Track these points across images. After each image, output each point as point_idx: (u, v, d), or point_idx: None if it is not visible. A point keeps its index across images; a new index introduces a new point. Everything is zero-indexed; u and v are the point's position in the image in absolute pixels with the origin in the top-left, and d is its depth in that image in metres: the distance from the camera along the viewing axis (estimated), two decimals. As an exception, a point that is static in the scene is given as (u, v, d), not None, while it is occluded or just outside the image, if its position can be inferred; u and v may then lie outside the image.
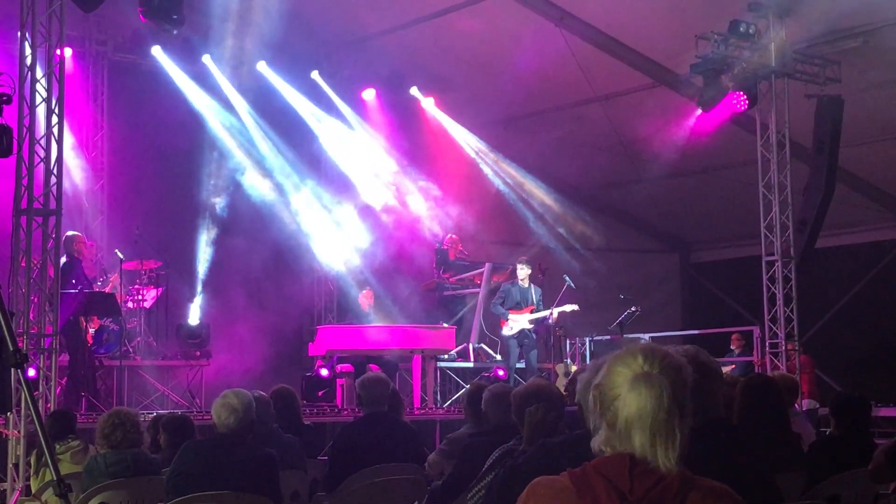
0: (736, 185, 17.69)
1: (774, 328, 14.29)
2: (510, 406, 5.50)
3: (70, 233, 13.09)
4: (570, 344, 17.56)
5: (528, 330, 15.13)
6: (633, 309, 15.83)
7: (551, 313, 15.18)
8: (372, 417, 7.35)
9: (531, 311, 15.12)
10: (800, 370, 14.26)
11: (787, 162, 14.47)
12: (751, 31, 13.90)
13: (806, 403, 14.76)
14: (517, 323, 15.15)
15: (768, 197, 14.50)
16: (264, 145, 17.35)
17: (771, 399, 5.91)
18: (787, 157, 14.47)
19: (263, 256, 16.38)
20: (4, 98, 9.22)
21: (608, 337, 16.62)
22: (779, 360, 14.20)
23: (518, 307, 15.24)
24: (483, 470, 5.20)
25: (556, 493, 2.62)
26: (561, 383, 13.09)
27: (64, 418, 8.53)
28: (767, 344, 14.44)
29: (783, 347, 14.19)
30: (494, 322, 16.54)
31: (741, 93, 14.19)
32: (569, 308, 15.21)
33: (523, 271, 15.33)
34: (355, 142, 18.33)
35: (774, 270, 14.35)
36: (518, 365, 15.31)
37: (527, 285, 15.34)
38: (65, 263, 12.24)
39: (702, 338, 18.05)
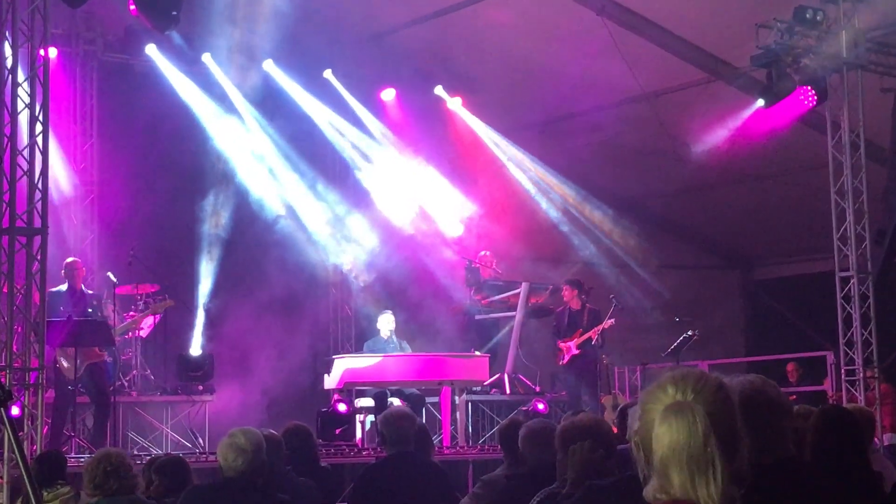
0: (804, 192, 17.61)
1: (850, 353, 14.20)
2: (551, 444, 5.49)
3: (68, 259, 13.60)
4: (619, 373, 17.52)
5: (580, 356, 15.30)
6: (689, 333, 15.79)
7: (590, 336, 15.27)
8: (397, 458, 7.35)
9: (579, 335, 15.26)
10: (880, 400, 14.15)
11: (861, 165, 14.39)
12: (818, 17, 13.86)
13: (887, 438, 14.63)
14: (566, 351, 15.42)
15: (841, 205, 14.42)
16: (272, 153, 17.42)
17: (848, 433, 5.86)
18: (862, 159, 14.39)
19: (272, 278, 16.44)
20: (-17, 105, 9.31)
21: (662, 365, 16.57)
22: (856, 390, 14.10)
23: (567, 334, 15.48)
24: (523, 516, 5.19)
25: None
26: (610, 417, 13.06)
27: (53, 461, 8.54)
28: (843, 371, 14.35)
29: (861, 375, 14.09)
30: (532, 349, 16.54)
31: (809, 88, 14.15)
32: (607, 324, 15.29)
33: (568, 292, 15.60)
34: (374, 148, 18.39)
35: (850, 288, 14.26)
36: None
37: (578, 307, 15.50)
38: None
39: (768, 365, 17.98)
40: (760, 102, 14.92)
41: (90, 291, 13.71)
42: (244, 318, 16.26)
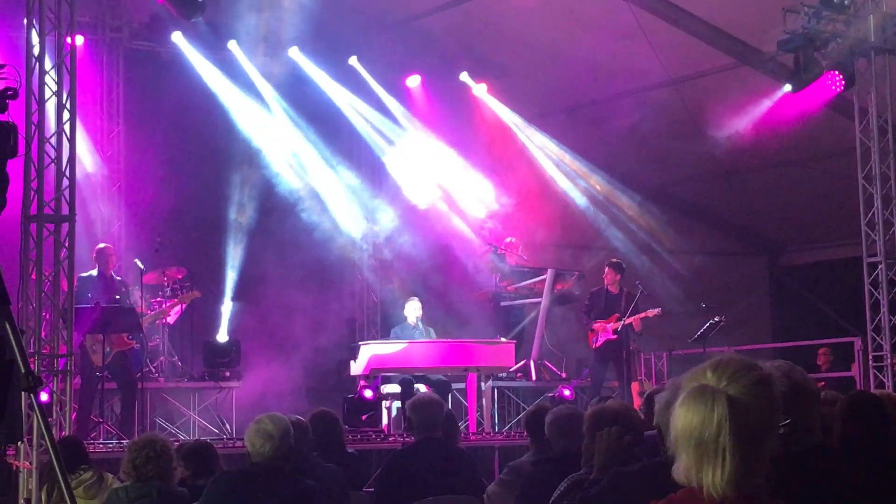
0: (832, 178, 17.53)
1: (878, 339, 14.14)
2: (578, 430, 5.49)
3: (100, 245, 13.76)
4: (646, 359, 17.49)
5: (615, 342, 15.22)
6: (716, 319, 15.72)
7: (626, 322, 15.16)
8: (424, 444, 7.36)
9: (616, 320, 15.18)
10: (908, 387, 14.10)
11: (890, 150, 14.32)
12: (846, 2, 13.78)
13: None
14: (601, 333, 15.32)
15: (869, 190, 14.36)
16: (298, 140, 17.44)
17: (877, 420, 5.84)
18: (890, 144, 14.32)
19: (299, 265, 16.46)
20: (10, 92, 9.28)
21: (688, 351, 16.51)
22: (884, 376, 14.05)
23: (602, 316, 15.39)
24: (550, 503, 5.19)
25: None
26: (637, 404, 13.03)
27: (73, 446, 8.57)
28: (871, 357, 14.29)
29: (888, 361, 14.04)
30: (558, 336, 16.50)
31: (836, 72, 14.07)
32: (651, 313, 15.18)
33: (611, 275, 15.56)
34: (399, 134, 18.38)
35: (878, 274, 14.20)
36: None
37: (616, 291, 15.47)
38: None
39: (795, 351, 17.90)
40: (787, 88, 14.83)
41: (118, 278, 13.78)
42: (271, 305, 16.30)
